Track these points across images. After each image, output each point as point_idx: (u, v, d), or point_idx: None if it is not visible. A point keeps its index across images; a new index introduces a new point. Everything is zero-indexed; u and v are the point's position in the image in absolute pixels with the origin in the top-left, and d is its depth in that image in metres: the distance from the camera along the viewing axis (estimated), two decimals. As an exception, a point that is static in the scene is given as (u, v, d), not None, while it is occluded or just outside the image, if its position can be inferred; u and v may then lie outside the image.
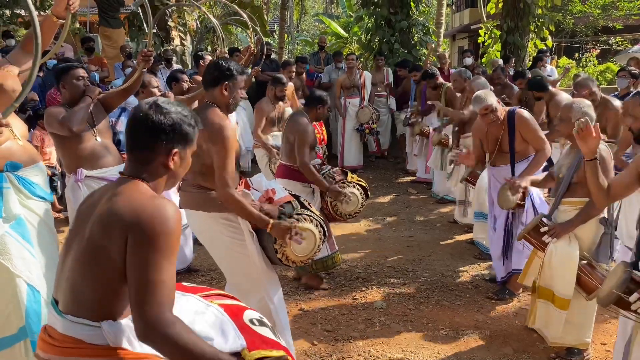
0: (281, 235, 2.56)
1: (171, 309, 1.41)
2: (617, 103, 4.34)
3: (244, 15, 4.88)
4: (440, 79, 6.47)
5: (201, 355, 1.40)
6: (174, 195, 3.75)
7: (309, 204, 2.89)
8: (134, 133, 1.57)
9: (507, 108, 3.83)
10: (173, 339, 1.38)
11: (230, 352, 1.55)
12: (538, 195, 3.66)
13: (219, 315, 1.66)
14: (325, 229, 2.84)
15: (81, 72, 3.25)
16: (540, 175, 3.42)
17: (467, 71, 5.72)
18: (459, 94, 5.67)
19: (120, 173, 1.60)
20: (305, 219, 2.74)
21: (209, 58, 6.45)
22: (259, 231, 2.68)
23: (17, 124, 2.65)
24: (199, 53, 7.27)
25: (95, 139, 3.22)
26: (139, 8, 9.29)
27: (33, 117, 5.57)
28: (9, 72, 2.41)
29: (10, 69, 2.42)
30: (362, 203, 3.88)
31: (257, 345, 1.62)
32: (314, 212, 2.82)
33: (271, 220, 2.56)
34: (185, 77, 4.86)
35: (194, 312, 1.64)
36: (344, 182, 3.84)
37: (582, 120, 2.37)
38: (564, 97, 4.95)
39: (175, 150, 1.57)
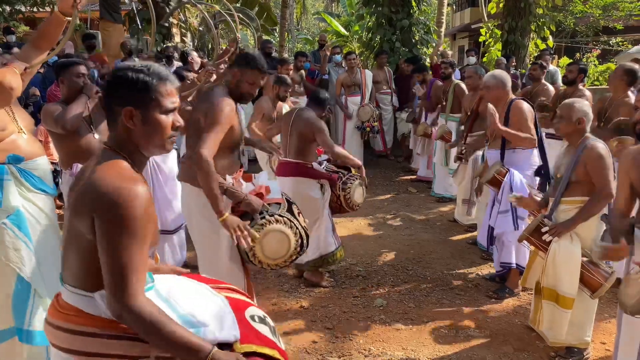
0: (232, 228, 2.54)
1: (142, 292, 1.44)
2: (632, 99, 4.36)
3: (235, 16, 4.89)
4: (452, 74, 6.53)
5: (173, 336, 1.43)
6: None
7: (299, 213, 2.84)
8: (103, 99, 1.59)
9: (512, 97, 3.92)
10: (145, 322, 1.41)
11: (223, 341, 1.58)
12: (520, 177, 3.69)
13: (221, 305, 1.69)
14: (306, 242, 2.76)
15: (82, 69, 3.24)
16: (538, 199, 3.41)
17: (481, 68, 5.71)
18: (471, 92, 5.64)
19: (104, 143, 1.58)
20: (284, 223, 2.68)
21: (195, 54, 6.52)
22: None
23: (23, 117, 2.65)
24: (185, 50, 7.32)
25: (94, 137, 3.22)
26: (140, 5, 9.31)
27: (36, 113, 5.56)
28: (12, 68, 2.41)
29: (16, 65, 2.42)
30: (365, 194, 4.02)
31: (250, 339, 1.64)
32: (299, 222, 2.75)
33: (226, 214, 2.56)
34: (190, 75, 4.87)
35: (199, 299, 1.68)
36: (351, 175, 3.92)
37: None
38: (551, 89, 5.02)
39: (129, 108, 1.49)
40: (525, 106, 3.81)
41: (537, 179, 3.95)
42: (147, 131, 1.52)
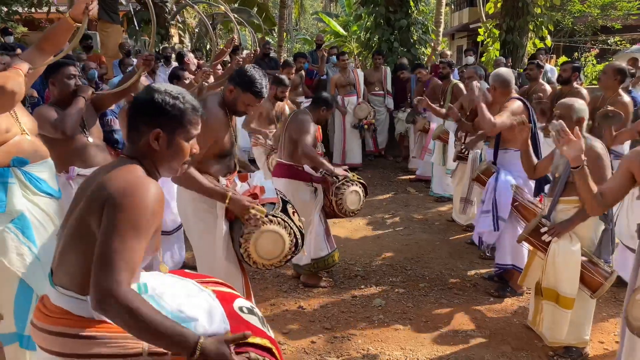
0: (240, 210, 2.58)
1: (129, 283, 1.39)
2: (626, 98, 4.39)
3: (232, 17, 4.92)
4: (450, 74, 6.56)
5: (158, 326, 1.36)
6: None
7: (294, 212, 2.82)
8: (129, 113, 1.62)
9: (512, 95, 3.88)
10: (128, 309, 1.33)
11: (214, 334, 1.59)
12: (506, 179, 3.68)
13: (209, 300, 1.70)
14: (301, 242, 2.75)
15: (72, 70, 3.11)
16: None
17: (480, 68, 5.72)
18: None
19: (121, 152, 1.65)
20: (278, 223, 2.67)
21: (191, 55, 6.56)
22: (233, 223, 2.71)
23: (26, 120, 2.59)
24: (180, 51, 7.35)
25: (87, 140, 3.13)
26: (138, 5, 9.31)
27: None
28: (15, 70, 2.35)
29: (20, 65, 2.36)
30: (363, 201, 3.91)
31: (241, 330, 1.63)
32: (293, 222, 2.74)
33: (229, 193, 2.58)
34: (186, 74, 4.91)
35: (186, 294, 1.68)
36: (346, 180, 3.85)
37: (556, 123, 2.23)
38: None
39: (157, 130, 1.55)
40: (516, 104, 3.72)
41: (532, 181, 3.90)
42: (169, 154, 1.60)
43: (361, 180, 3.95)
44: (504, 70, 4.03)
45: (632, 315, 2.18)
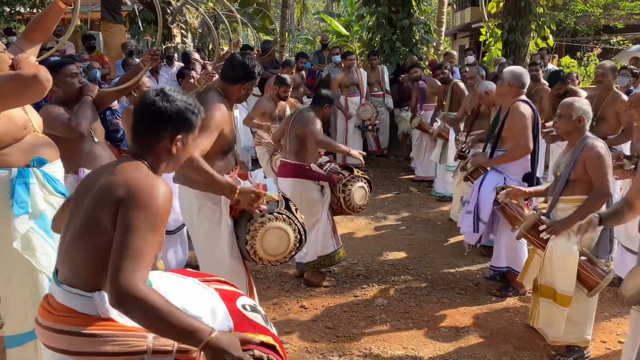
0: (250, 200, 2.59)
1: (144, 280, 1.45)
2: (625, 97, 4.41)
3: (237, 16, 4.94)
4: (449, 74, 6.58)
5: (173, 321, 1.41)
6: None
7: (296, 209, 2.85)
8: (140, 118, 1.65)
9: (520, 97, 3.75)
10: (147, 304, 1.39)
11: None
12: (493, 184, 3.66)
13: (212, 297, 1.73)
14: (304, 238, 2.78)
15: (74, 68, 3.10)
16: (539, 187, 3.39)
17: (482, 68, 5.73)
18: (471, 92, 5.64)
19: (124, 152, 1.69)
20: (283, 220, 2.69)
21: (197, 55, 6.58)
22: (237, 220, 2.73)
23: (34, 116, 2.56)
24: (187, 51, 7.38)
25: (93, 139, 3.12)
26: (140, 5, 9.32)
27: None
28: (29, 61, 2.29)
29: (32, 58, 2.31)
30: (368, 196, 3.97)
31: (244, 328, 1.68)
32: (297, 218, 2.77)
33: (239, 186, 2.61)
34: (192, 74, 4.98)
35: (189, 293, 1.72)
36: (352, 177, 3.90)
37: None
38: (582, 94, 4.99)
39: (179, 136, 1.65)
40: (527, 111, 3.61)
41: (526, 184, 3.77)
42: (182, 154, 1.72)
43: (365, 176, 4.00)
44: (521, 69, 3.81)
45: (625, 287, 2.21)
